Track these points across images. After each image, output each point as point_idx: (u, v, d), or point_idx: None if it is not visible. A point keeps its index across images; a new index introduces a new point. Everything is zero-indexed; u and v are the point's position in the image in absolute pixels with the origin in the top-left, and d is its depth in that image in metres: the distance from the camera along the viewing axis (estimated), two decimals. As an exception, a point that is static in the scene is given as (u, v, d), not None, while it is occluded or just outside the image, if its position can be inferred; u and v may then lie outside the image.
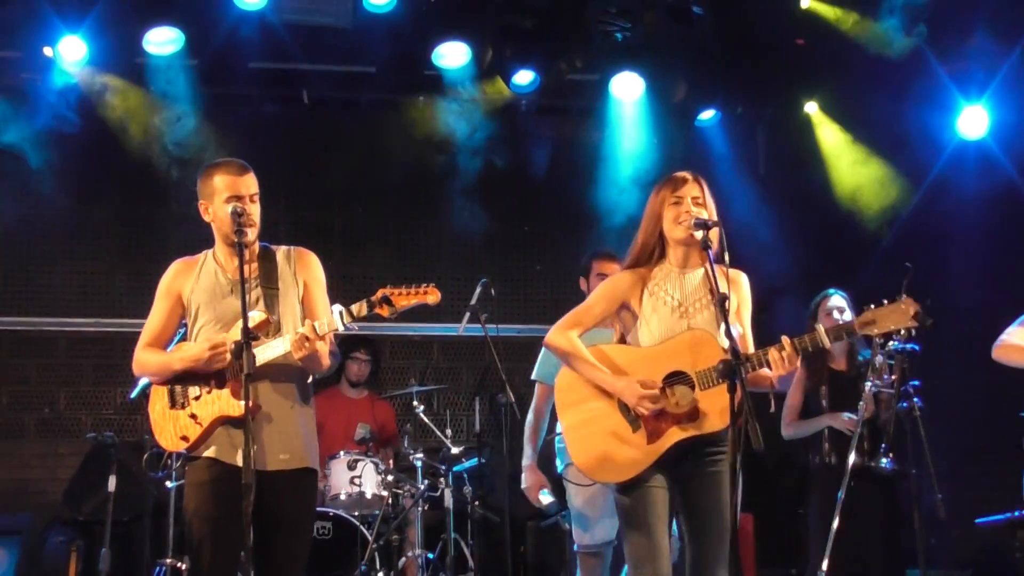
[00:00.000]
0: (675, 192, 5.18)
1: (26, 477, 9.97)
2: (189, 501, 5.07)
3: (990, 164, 9.31)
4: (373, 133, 10.49)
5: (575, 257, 7.81)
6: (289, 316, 5.18)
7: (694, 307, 5.15)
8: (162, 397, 5.18)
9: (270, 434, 4.97)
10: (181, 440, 5.09)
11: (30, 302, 10.15)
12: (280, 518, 4.94)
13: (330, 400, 9.25)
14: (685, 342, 5.04)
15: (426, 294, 5.04)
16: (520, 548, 9.48)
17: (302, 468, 5.10)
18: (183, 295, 5.23)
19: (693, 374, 4.97)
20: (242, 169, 5.21)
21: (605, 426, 5.07)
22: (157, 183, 9.71)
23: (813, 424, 7.14)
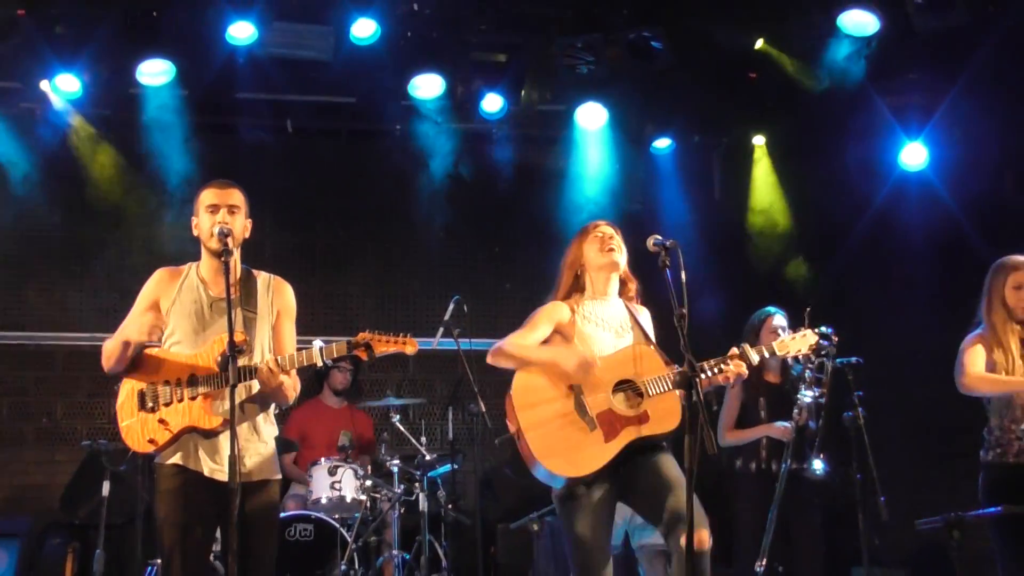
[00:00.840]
0: (594, 230, 5.54)
1: (25, 483, 9.93)
2: (159, 508, 5.03)
3: (929, 194, 9.43)
4: (353, 160, 10.54)
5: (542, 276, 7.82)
6: (260, 341, 5.17)
7: (622, 327, 5.42)
8: (132, 398, 5.10)
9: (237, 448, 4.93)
10: (148, 443, 5.02)
11: (29, 318, 10.14)
12: (248, 523, 4.91)
13: (313, 410, 9.26)
14: (630, 355, 5.27)
15: (405, 344, 5.07)
16: (490, 549, 9.47)
17: (263, 480, 5.09)
18: (161, 304, 5.20)
19: (639, 382, 5.18)
20: (225, 184, 5.24)
21: (563, 425, 5.18)
22: (149, 205, 9.72)
23: (752, 433, 7.19)
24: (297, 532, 7.97)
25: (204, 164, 9.31)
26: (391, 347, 5.03)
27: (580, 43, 9.25)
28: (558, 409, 5.20)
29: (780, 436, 6.97)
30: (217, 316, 5.09)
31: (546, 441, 5.17)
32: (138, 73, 9.18)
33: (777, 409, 7.07)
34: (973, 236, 8.86)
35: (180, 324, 5.15)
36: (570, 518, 5.18)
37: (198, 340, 5.10)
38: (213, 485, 4.91)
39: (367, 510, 8.23)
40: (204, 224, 5.16)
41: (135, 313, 5.21)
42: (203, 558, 5.06)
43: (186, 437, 5.03)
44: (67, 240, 10.05)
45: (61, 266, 10.07)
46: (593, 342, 5.32)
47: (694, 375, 4.69)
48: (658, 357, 5.20)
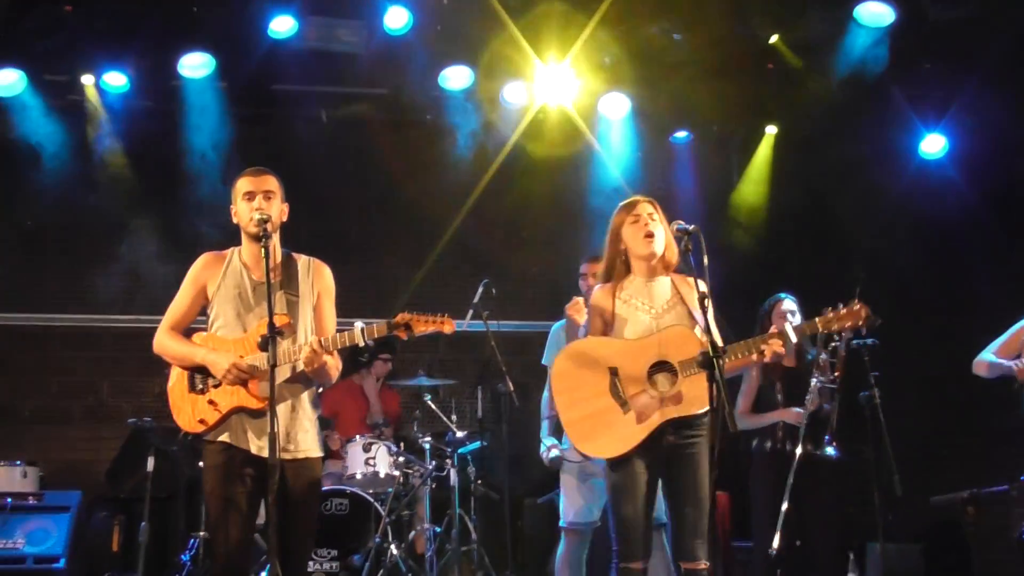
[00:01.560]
0: (631, 212, 5.37)
1: (73, 459, 9.98)
2: (206, 483, 5.07)
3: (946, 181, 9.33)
4: (386, 149, 10.49)
5: (567, 259, 7.81)
6: (303, 323, 5.15)
7: (662, 308, 5.29)
8: (183, 380, 5.14)
9: (281, 426, 4.91)
10: (199, 423, 5.05)
11: (78, 301, 10.18)
12: (290, 499, 4.91)
13: (346, 390, 9.27)
14: (667, 336, 5.15)
15: (443, 323, 5.03)
16: (518, 523, 9.47)
17: (305, 457, 5.07)
18: (208, 288, 5.19)
19: (675, 363, 5.08)
20: (259, 171, 5.22)
21: (598, 407, 5.13)
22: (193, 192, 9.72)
23: (767, 417, 7.13)
24: (333, 506, 7.99)
25: (242, 154, 9.30)
26: (430, 326, 5.00)
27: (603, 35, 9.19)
28: (594, 392, 5.16)
29: (793, 421, 6.91)
30: (260, 300, 5.07)
31: (580, 424, 5.17)
32: (179, 66, 9.20)
33: (793, 393, 7.00)
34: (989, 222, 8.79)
35: (225, 308, 5.14)
36: (612, 491, 5.16)
37: (243, 323, 5.10)
38: (258, 462, 4.90)
39: (400, 485, 8.25)
40: (242, 211, 5.14)
41: (182, 299, 5.22)
42: (247, 532, 5.05)
43: (235, 418, 5.03)
44: (115, 225, 10.06)
45: (109, 250, 10.07)
46: (627, 325, 5.25)
47: (716, 356, 4.64)
48: (694, 337, 5.08)
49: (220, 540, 4.96)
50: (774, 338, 5.04)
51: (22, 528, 8.13)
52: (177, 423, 5.16)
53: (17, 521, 8.14)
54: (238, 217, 5.19)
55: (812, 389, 6.78)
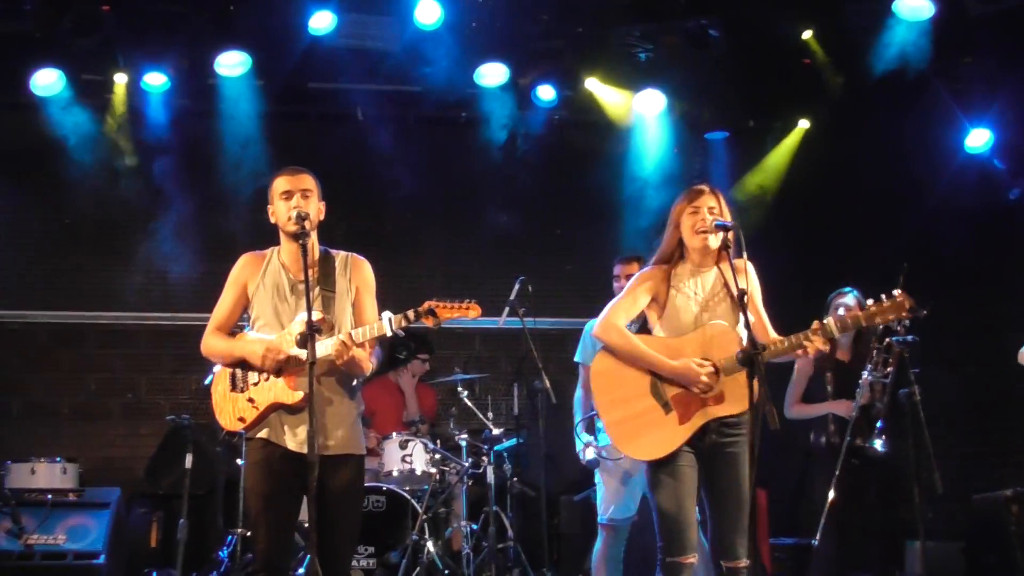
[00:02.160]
0: (692, 203, 5.26)
1: (112, 455, 10.06)
2: (246, 479, 5.13)
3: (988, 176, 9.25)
4: (420, 146, 10.51)
5: (601, 257, 7.82)
6: (342, 318, 5.16)
7: (713, 301, 5.21)
8: (224, 380, 5.18)
9: (320, 423, 4.91)
10: (238, 421, 5.09)
11: (116, 299, 10.24)
12: (331, 496, 4.91)
13: (382, 388, 9.29)
14: (708, 334, 5.11)
15: (468, 309, 5.01)
16: (554, 520, 9.48)
17: (346, 454, 5.07)
18: (248, 288, 5.21)
19: (717, 362, 5.01)
20: (296, 170, 5.22)
21: (639, 408, 5.10)
22: (228, 192, 9.77)
23: (816, 409, 7.12)
24: (370, 503, 8.02)
25: (279, 152, 9.33)
26: (455, 312, 4.99)
27: (639, 31, 9.19)
28: (635, 392, 5.12)
29: (843, 413, 6.89)
30: (299, 298, 5.10)
31: (621, 425, 5.14)
32: (216, 65, 9.25)
33: (844, 386, 6.97)
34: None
35: (264, 308, 5.16)
36: (654, 490, 5.12)
37: (281, 322, 5.11)
38: (297, 458, 4.91)
39: (436, 482, 8.27)
40: (280, 210, 5.14)
41: (225, 301, 5.26)
42: (288, 528, 5.07)
43: (273, 415, 5.05)
44: (152, 224, 10.11)
45: (145, 248, 10.13)
46: (680, 314, 5.20)
47: (756, 354, 4.62)
48: (736, 335, 5.02)
49: (260, 536, 4.98)
50: (816, 333, 4.93)
51: (62, 524, 8.18)
52: (219, 423, 5.20)
53: (58, 517, 8.19)
54: (276, 216, 5.20)
55: (863, 382, 6.76)
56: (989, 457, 9.17)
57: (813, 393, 7.18)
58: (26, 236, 10.22)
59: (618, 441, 5.17)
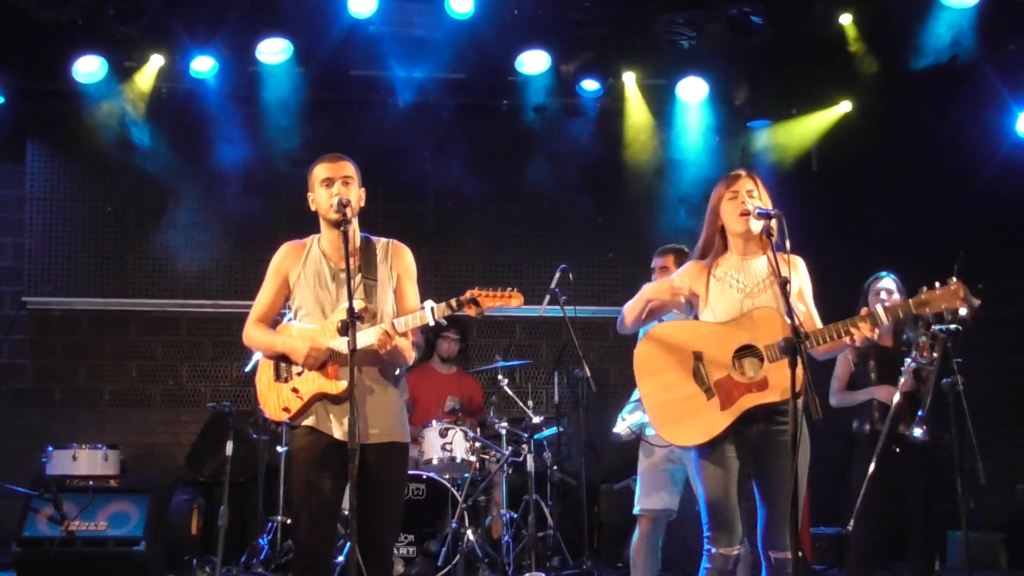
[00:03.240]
0: (730, 188, 5.21)
1: (153, 442, 10.17)
2: (291, 466, 5.17)
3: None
4: (462, 134, 10.53)
5: (643, 245, 7.81)
6: (384, 305, 5.15)
7: (757, 288, 5.14)
8: (268, 370, 5.19)
9: (363, 411, 4.93)
10: (283, 411, 5.09)
11: (157, 286, 10.34)
12: (374, 484, 4.91)
13: (423, 375, 9.31)
14: (753, 318, 5.03)
15: (510, 298, 4.99)
16: (594, 509, 9.50)
17: (391, 442, 5.07)
18: (289, 277, 5.21)
19: (762, 347, 4.96)
20: (336, 158, 5.21)
21: (681, 393, 5.04)
22: (269, 180, 9.84)
23: (860, 395, 7.08)
24: (410, 491, 8.05)
25: (320, 140, 9.38)
26: (497, 301, 4.97)
27: (682, 19, 9.15)
28: (677, 377, 5.07)
29: (884, 399, 6.86)
30: (340, 286, 5.09)
31: (663, 410, 5.09)
32: (258, 52, 9.29)
33: (887, 372, 6.93)
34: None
35: (306, 297, 5.16)
36: (701, 478, 5.07)
37: (323, 310, 5.12)
38: (342, 447, 4.89)
39: (476, 470, 8.28)
40: (321, 198, 5.14)
41: (267, 291, 5.27)
42: (331, 516, 5.08)
43: (318, 404, 5.06)
44: (193, 211, 10.20)
45: (187, 236, 10.22)
46: (719, 304, 5.13)
47: (799, 342, 4.58)
48: (781, 320, 4.88)
49: (302, 524, 4.99)
50: (863, 320, 4.83)
51: (103, 511, 8.24)
52: (265, 413, 5.22)
53: (99, 504, 8.25)
54: (316, 204, 5.20)
55: (907, 369, 6.72)
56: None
57: (858, 380, 7.15)
58: (69, 224, 10.30)
59: (659, 426, 5.12)
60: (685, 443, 5.09)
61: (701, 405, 5.01)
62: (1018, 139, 9.31)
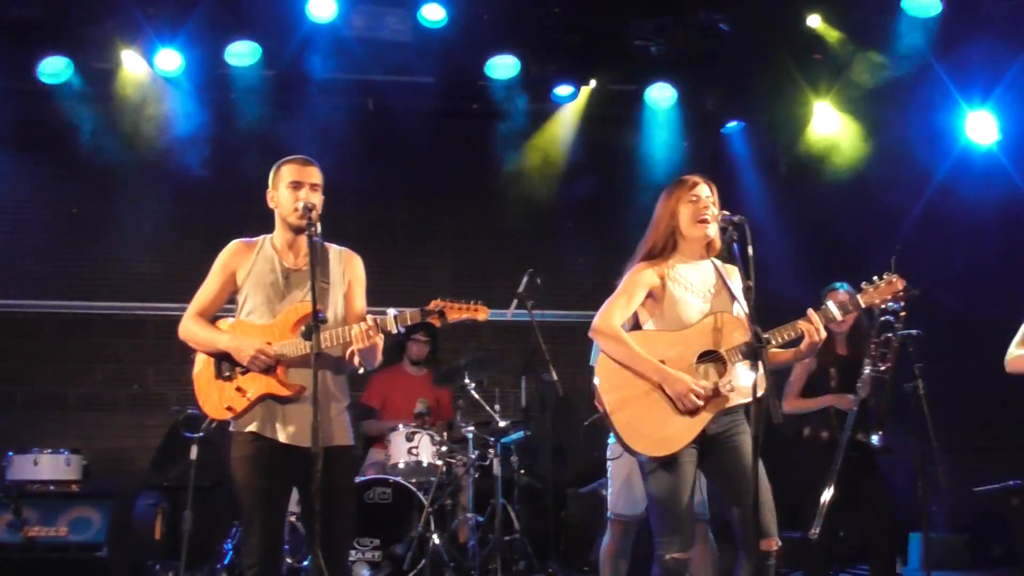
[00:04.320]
0: (691, 192, 5.24)
1: (118, 446, 10.12)
2: (236, 473, 5.03)
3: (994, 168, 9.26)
4: (431, 138, 10.56)
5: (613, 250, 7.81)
6: (332, 309, 5.17)
7: (711, 291, 5.20)
8: (208, 367, 5.15)
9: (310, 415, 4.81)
10: (226, 410, 5.05)
11: (123, 289, 10.33)
12: (328, 489, 4.76)
13: (393, 377, 9.33)
14: (715, 324, 5.08)
15: (476, 311, 5.05)
16: (561, 513, 9.52)
17: (339, 446, 5.06)
18: (237, 275, 5.21)
19: (724, 352, 5.02)
20: (306, 162, 5.22)
21: (647, 404, 5.05)
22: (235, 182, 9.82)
23: (815, 403, 7.17)
24: (376, 495, 8.05)
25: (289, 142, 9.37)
26: (463, 314, 5.02)
27: (652, 25, 9.22)
28: (642, 389, 5.06)
29: (843, 407, 6.93)
30: (292, 287, 5.12)
31: (631, 423, 5.07)
32: (226, 54, 9.29)
33: (847, 380, 7.01)
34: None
35: (255, 295, 5.15)
36: (651, 484, 5.09)
37: (272, 310, 5.11)
38: (289, 451, 4.93)
39: (443, 474, 8.28)
40: (284, 199, 5.15)
41: (210, 287, 5.25)
42: (280, 521, 5.08)
43: (262, 406, 5.04)
44: (159, 213, 10.19)
45: (153, 237, 10.21)
46: (682, 307, 5.15)
47: (760, 346, 4.64)
48: (741, 324, 4.96)
49: (255, 531, 4.95)
50: (812, 317, 4.93)
51: (65, 516, 8.21)
52: (204, 410, 5.16)
53: (60, 509, 8.23)
54: (277, 203, 5.21)
55: (864, 377, 6.80)
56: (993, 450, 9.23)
57: (817, 388, 7.23)
58: (34, 226, 10.29)
59: (627, 438, 5.07)
60: (657, 454, 5.04)
61: (669, 416, 5.03)
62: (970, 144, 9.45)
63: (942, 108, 9.37)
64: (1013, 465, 7.26)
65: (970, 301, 8.98)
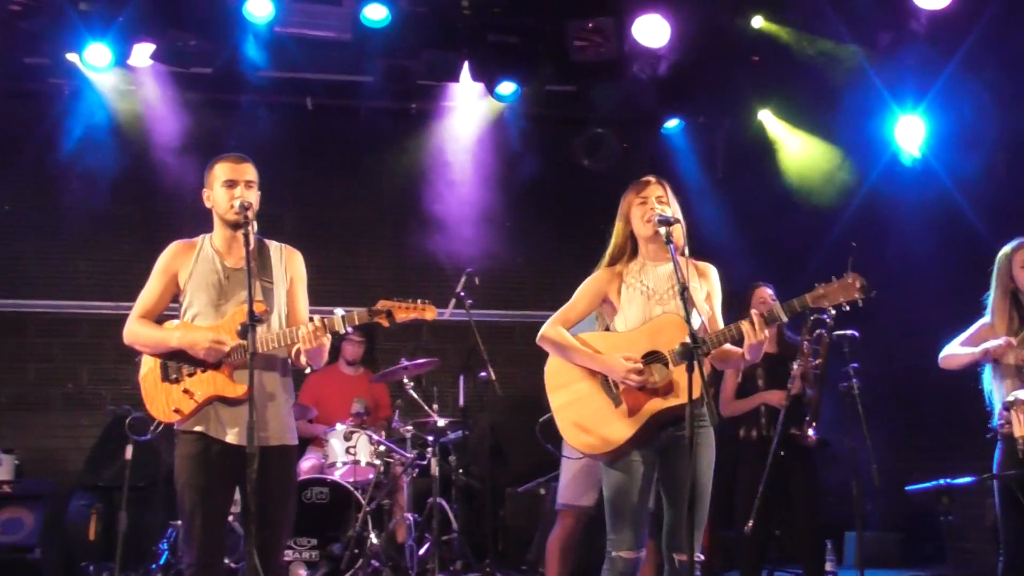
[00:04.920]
0: (640, 194, 5.28)
1: (51, 446, 10.00)
2: (180, 472, 5.04)
3: (926, 171, 9.40)
4: (371, 137, 10.56)
5: (551, 250, 7.88)
6: (278, 308, 5.18)
7: (667, 295, 5.20)
8: (155, 370, 5.13)
9: (259, 415, 4.84)
10: (174, 412, 5.04)
11: (56, 288, 10.21)
12: (267, 488, 4.80)
13: (329, 377, 9.30)
14: (659, 324, 5.11)
15: (424, 310, 5.08)
16: (499, 512, 9.54)
17: (280, 445, 5.09)
18: (179, 276, 5.19)
19: (667, 352, 5.05)
20: (240, 159, 5.21)
21: (590, 404, 5.11)
22: (172, 179, 9.75)
23: (749, 402, 7.25)
24: (313, 495, 8.02)
25: (227, 141, 9.33)
26: (411, 313, 5.05)
27: (592, 26, 9.25)
28: (586, 387, 5.14)
29: (775, 403, 7.01)
30: (234, 286, 5.11)
31: (573, 420, 5.14)
32: (161, 51, 9.21)
33: (774, 378, 7.10)
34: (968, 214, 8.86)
35: (198, 296, 5.14)
36: (606, 484, 5.13)
37: (217, 311, 5.11)
38: (233, 450, 4.93)
39: (381, 474, 8.29)
40: (220, 198, 5.13)
41: (153, 289, 5.23)
42: (222, 521, 5.08)
43: (209, 408, 5.05)
44: (94, 211, 10.09)
45: (87, 236, 10.12)
46: (635, 309, 5.19)
47: (695, 347, 4.67)
48: (685, 326, 4.86)
49: (196, 531, 4.95)
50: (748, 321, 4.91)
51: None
52: (151, 413, 5.14)
53: (-10, 510, 8.16)
54: (213, 203, 5.20)
55: (795, 373, 6.87)
56: (927, 450, 9.37)
57: (745, 388, 7.31)
58: (-37, 224, 10.16)
59: (570, 437, 5.16)
60: (594, 452, 5.11)
61: (610, 414, 5.08)
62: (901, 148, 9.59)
63: (876, 113, 9.49)
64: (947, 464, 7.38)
65: (904, 302, 9.11)
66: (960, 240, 8.65)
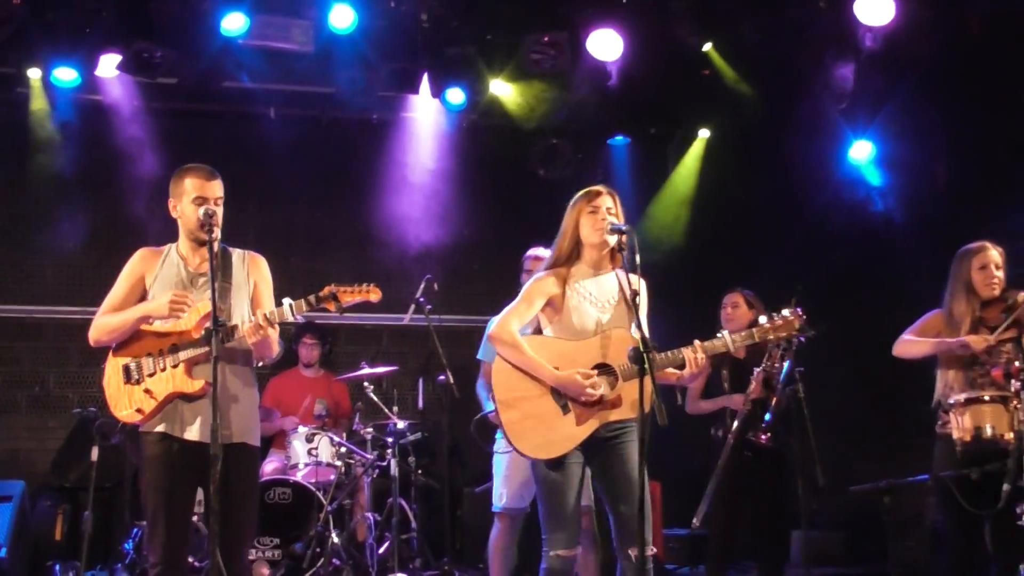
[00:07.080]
0: (591, 203, 5.29)
1: (18, 448, 9.93)
2: (144, 474, 5.04)
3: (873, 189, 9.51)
4: (333, 146, 10.54)
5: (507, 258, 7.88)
6: (239, 309, 5.17)
7: (609, 303, 5.25)
8: (117, 373, 5.10)
9: (221, 411, 4.79)
10: (136, 412, 5.02)
11: (23, 292, 10.11)
12: (229, 487, 4.83)
13: (289, 379, 9.29)
14: (610, 338, 5.14)
15: (369, 292, 5.06)
16: (457, 511, 9.54)
17: (241, 443, 5.06)
18: (145, 280, 5.19)
19: (617, 367, 5.08)
20: (210, 175, 5.18)
21: (537, 409, 5.10)
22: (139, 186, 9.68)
23: (712, 404, 7.26)
24: (276, 495, 8.00)
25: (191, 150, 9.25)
26: (356, 296, 5.03)
27: (546, 39, 9.27)
28: (534, 392, 5.11)
29: (734, 407, 7.04)
30: (198, 289, 5.12)
31: (519, 424, 5.11)
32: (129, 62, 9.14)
33: (739, 381, 7.12)
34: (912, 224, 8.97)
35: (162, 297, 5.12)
36: (540, 485, 5.15)
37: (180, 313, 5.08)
38: (196, 450, 4.91)
39: (342, 475, 8.28)
40: (188, 212, 5.12)
41: (120, 289, 5.22)
42: (186, 520, 5.07)
43: (170, 406, 5.03)
44: (59, 216, 10.01)
45: (53, 241, 10.03)
46: (578, 315, 5.20)
47: (647, 351, 4.70)
48: (634, 341, 4.96)
49: (160, 531, 4.93)
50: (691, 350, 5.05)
51: (-39, 519, 8.05)
52: (115, 416, 5.14)
53: (-42, 511, 8.07)
54: (181, 215, 5.19)
55: (756, 376, 6.90)
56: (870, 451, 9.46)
57: (711, 389, 7.33)
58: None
59: (515, 439, 5.12)
60: (539, 456, 5.10)
61: (556, 420, 5.08)
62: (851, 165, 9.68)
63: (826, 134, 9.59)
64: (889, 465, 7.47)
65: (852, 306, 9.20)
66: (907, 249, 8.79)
